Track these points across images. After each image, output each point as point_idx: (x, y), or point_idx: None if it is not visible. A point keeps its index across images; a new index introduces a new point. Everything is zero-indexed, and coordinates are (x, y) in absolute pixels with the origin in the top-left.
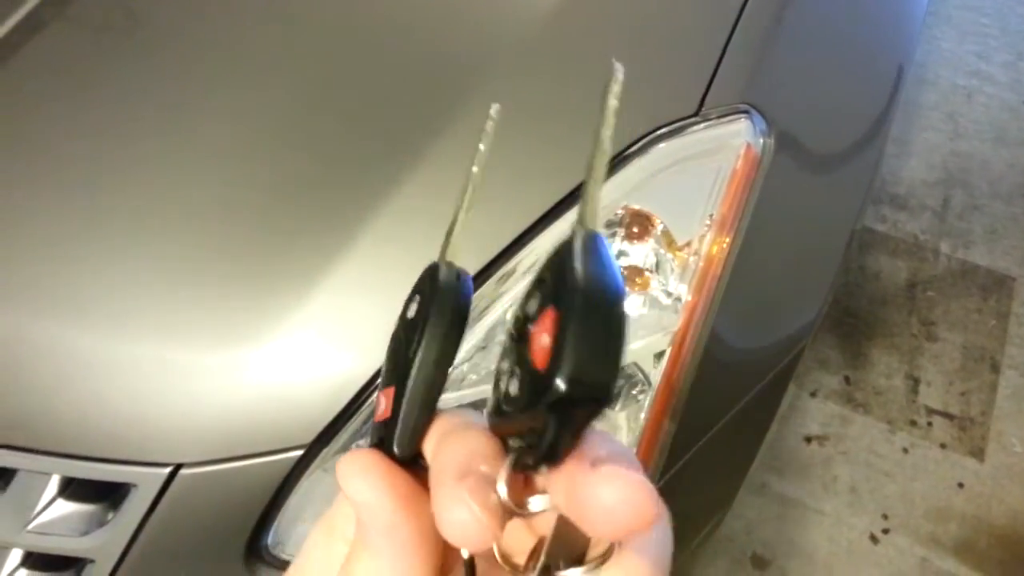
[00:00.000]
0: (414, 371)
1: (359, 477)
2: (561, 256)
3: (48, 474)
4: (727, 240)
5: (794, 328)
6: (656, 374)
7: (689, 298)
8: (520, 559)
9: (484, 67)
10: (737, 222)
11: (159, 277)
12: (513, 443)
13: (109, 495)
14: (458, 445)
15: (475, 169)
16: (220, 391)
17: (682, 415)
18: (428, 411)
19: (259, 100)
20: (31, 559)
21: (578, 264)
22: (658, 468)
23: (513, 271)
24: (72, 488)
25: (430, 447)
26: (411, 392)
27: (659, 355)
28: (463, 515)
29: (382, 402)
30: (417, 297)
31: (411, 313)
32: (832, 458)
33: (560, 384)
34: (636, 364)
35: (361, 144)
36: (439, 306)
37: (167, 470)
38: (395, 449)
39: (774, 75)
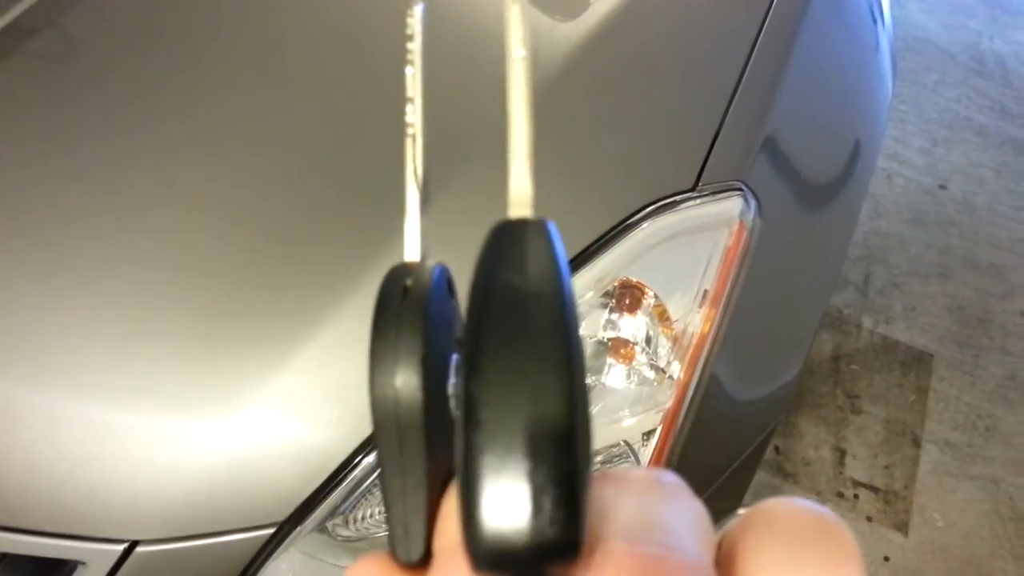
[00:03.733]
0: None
1: None
2: None
3: None
4: (719, 315)
5: (777, 390)
6: (645, 452)
7: (682, 376)
8: None
9: (483, 138)
10: (729, 297)
11: (121, 336)
12: None
13: (52, 573)
14: None
15: (411, 109)
16: (183, 461)
17: None
18: (434, 504)
19: (231, 156)
20: None
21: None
22: None
23: None
24: (5, 565)
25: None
26: (406, 463)
27: (648, 433)
28: None
29: None
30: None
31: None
32: None
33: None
34: (625, 442)
35: (347, 206)
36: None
37: (121, 547)
38: (398, 556)
39: (764, 153)
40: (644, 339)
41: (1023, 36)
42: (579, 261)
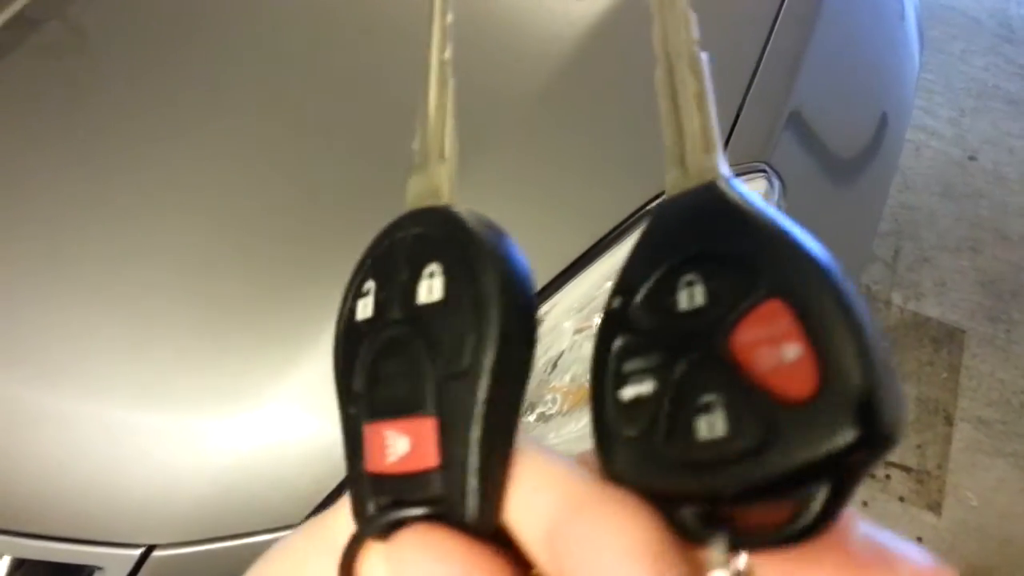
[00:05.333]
0: (482, 388)
1: (439, 566)
2: (730, 215)
3: None
4: None
5: None
6: None
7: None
8: None
9: (485, 137)
10: None
11: (134, 338)
12: (688, 513)
13: None
14: (616, 532)
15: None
16: (198, 463)
17: None
18: (507, 454)
19: (238, 150)
20: None
21: (795, 231)
22: None
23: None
24: (25, 571)
25: (533, 519)
26: (484, 423)
27: None
28: None
29: (401, 443)
30: (435, 265)
31: (427, 294)
32: None
33: (863, 417)
34: None
35: (358, 202)
36: (500, 277)
37: (138, 552)
38: (467, 519)
39: (787, 132)
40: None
41: None
42: (599, 248)
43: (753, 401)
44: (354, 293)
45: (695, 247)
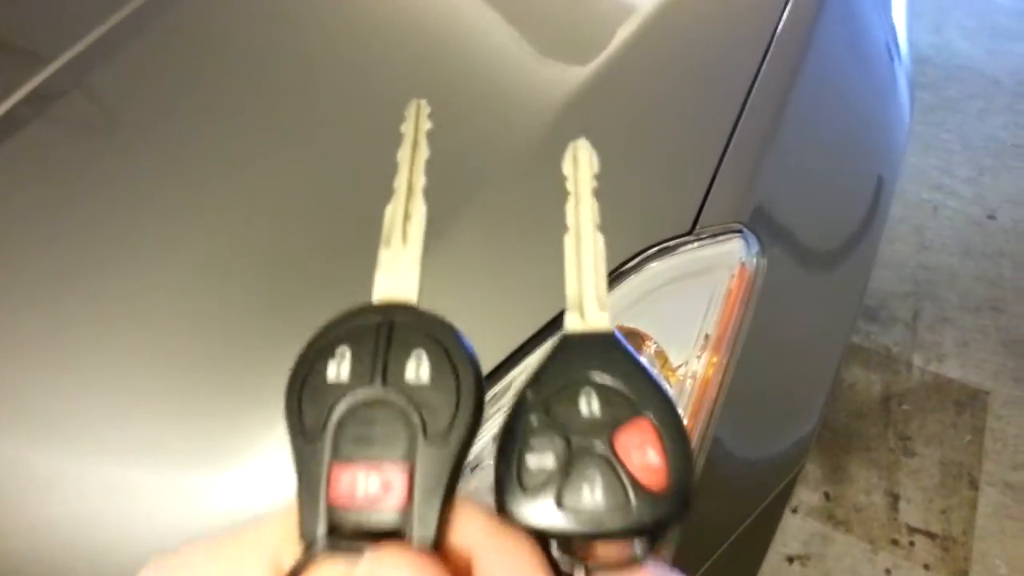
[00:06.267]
0: (450, 448)
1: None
2: (620, 357)
3: None
4: (723, 361)
5: (794, 440)
6: None
7: (686, 422)
8: None
9: (481, 177)
10: (733, 342)
11: (122, 393)
12: (555, 546)
13: None
14: (527, 555)
15: (406, 158)
16: (184, 519)
17: (678, 545)
18: (450, 500)
19: (239, 217)
20: None
21: (653, 371)
22: None
23: (508, 388)
24: None
25: (477, 544)
26: (442, 478)
27: None
28: None
29: (372, 482)
30: (421, 351)
31: (415, 374)
32: None
33: (684, 505)
34: None
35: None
36: (467, 372)
37: None
38: (418, 545)
39: (765, 194)
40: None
41: None
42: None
43: (623, 483)
44: (324, 354)
45: (595, 374)
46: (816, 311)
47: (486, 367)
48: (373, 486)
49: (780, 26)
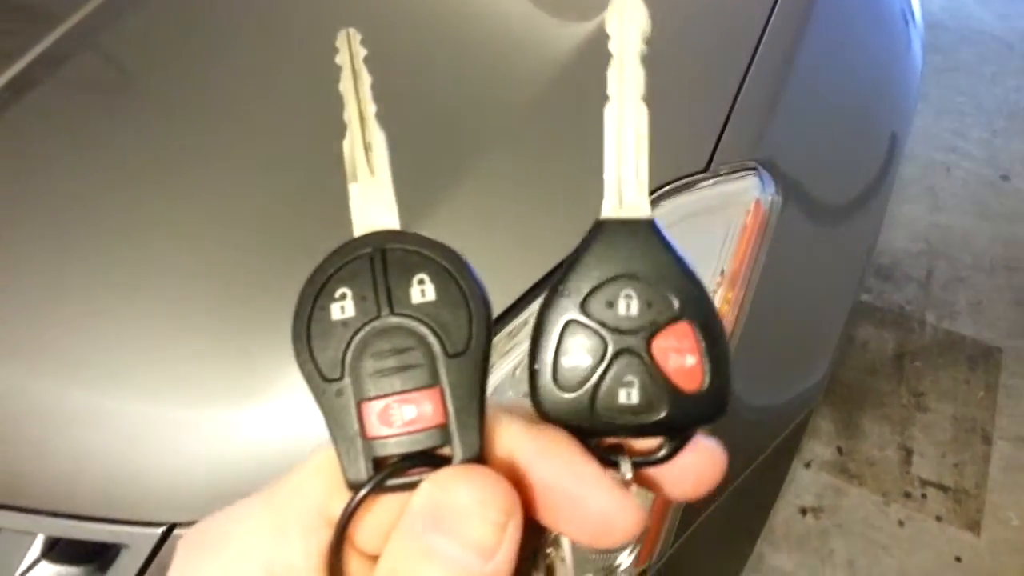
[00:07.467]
0: (473, 358)
1: (488, 488)
2: (660, 252)
3: (32, 534)
4: (738, 296)
5: (803, 389)
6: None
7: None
8: None
9: (483, 130)
10: (748, 278)
11: (153, 332)
12: (594, 443)
13: (97, 557)
14: (573, 450)
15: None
16: (217, 449)
17: None
18: (484, 411)
19: (258, 160)
20: None
21: (693, 266)
22: (668, 543)
23: (527, 322)
24: (57, 549)
25: (520, 449)
26: (474, 391)
27: None
28: (641, 512)
29: (407, 411)
30: (423, 274)
31: (420, 296)
32: (828, 531)
33: (721, 408)
34: None
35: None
36: (471, 283)
37: (160, 530)
38: (467, 457)
39: (779, 134)
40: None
41: None
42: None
43: (660, 386)
44: (323, 298)
45: (633, 267)
46: (828, 258)
47: (505, 302)
48: (408, 414)
49: None
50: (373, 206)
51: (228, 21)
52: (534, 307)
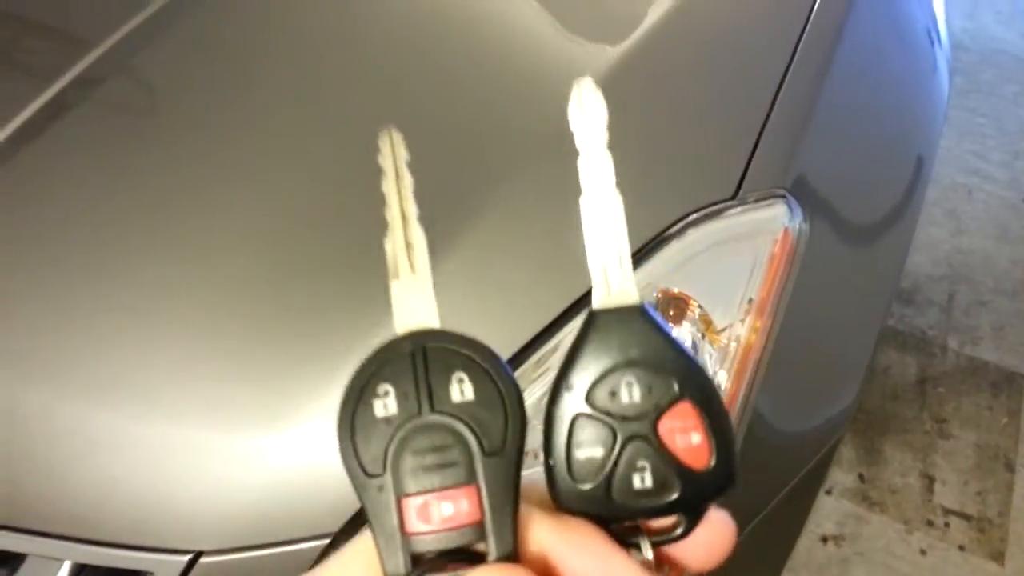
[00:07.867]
0: (508, 458)
1: None
2: (654, 336)
3: (59, 560)
4: (767, 325)
5: (832, 415)
6: None
7: (729, 385)
8: None
9: (516, 150)
10: (776, 307)
11: (181, 357)
12: (615, 528)
13: None
14: (602, 544)
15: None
16: (243, 475)
17: None
18: (517, 509)
19: (286, 182)
20: None
21: (685, 344)
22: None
23: (556, 348)
24: (84, 575)
25: (553, 546)
26: (509, 489)
27: None
28: None
29: (445, 507)
30: (462, 373)
31: (459, 395)
32: (849, 559)
33: (730, 480)
34: None
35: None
36: (508, 383)
37: (186, 558)
38: (501, 555)
39: (808, 159)
40: (691, 349)
41: None
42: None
43: (671, 467)
44: (367, 394)
45: (630, 354)
46: (856, 283)
47: (517, 344)
48: (446, 511)
49: (818, 2)
50: (414, 303)
51: (257, 46)
52: (563, 333)
